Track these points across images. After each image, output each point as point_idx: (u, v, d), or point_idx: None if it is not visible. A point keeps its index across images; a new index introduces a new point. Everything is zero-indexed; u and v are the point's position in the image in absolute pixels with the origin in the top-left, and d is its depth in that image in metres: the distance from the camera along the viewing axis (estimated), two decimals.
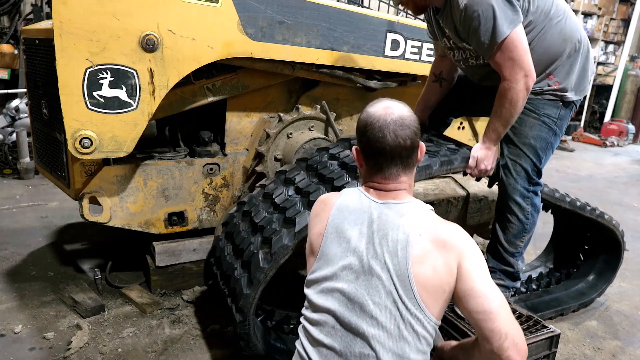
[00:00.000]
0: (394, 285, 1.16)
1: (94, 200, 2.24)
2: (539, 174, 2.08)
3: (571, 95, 2.00)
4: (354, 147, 1.34)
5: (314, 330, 1.25)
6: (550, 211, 2.69)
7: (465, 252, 1.17)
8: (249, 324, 1.85)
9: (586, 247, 2.91)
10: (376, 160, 1.26)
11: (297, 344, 1.31)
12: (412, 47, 2.75)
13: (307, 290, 1.30)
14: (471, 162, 2.01)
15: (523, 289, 2.71)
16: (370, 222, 1.23)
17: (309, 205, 1.87)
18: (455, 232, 1.21)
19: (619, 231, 2.72)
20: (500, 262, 2.14)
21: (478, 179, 2.35)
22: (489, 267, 2.19)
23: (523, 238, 2.12)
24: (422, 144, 1.30)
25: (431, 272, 1.15)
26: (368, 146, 1.26)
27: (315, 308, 1.26)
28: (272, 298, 2.27)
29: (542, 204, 2.18)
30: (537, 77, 1.86)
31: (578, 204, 2.54)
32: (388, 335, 1.15)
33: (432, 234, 1.18)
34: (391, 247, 1.18)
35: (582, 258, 2.93)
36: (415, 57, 2.78)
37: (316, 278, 1.27)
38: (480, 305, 1.13)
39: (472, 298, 1.14)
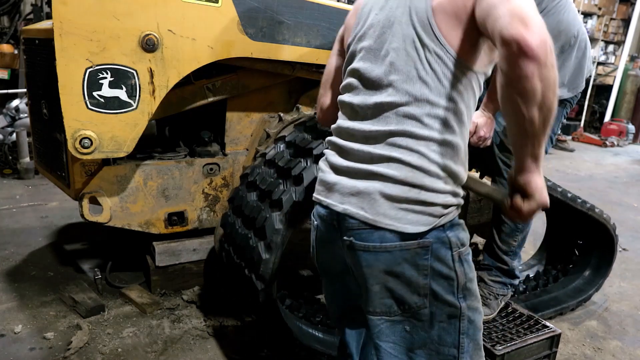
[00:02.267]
0: (412, 24, 1.07)
1: (94, 200, 2.24)
2: None
3: (563, 93, 1.97)
4: None
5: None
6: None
7: None
8: (272, 291, 1.84)
9: (580, 242, 2.90)
10: None
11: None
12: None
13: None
14: (471, 126, 1.88)
15: (521, 288, 2.71)
16: None
17: (315, 160, 1.82)
18: None
19: (611, 225, 2.71)
20: (495, 260, 2.16)
21: (474, 148, 2.32)
22: (485, 264, 2.20)
23: (516, 237, 2.13)
24: None
25: (447, 1, 1.04)
26: None
27: (344, 82, 1.23)
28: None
29: None
30: None
31: (569, 195, 2.55)
32: (404, 79, 1.07)
33: None
34: None
35: (577, 254, 2.93)
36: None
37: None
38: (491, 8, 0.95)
39: (488, 13, 0.96)
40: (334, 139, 1.23)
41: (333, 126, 1.26)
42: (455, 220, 1.15)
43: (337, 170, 1.17)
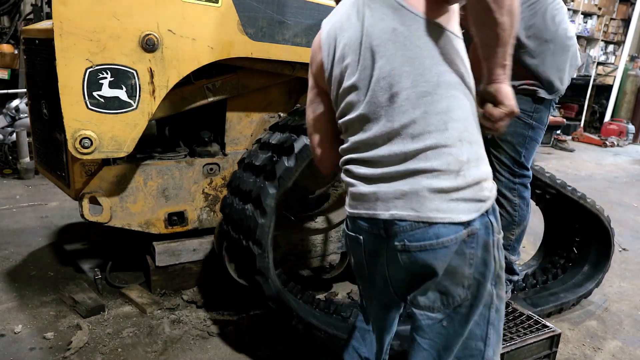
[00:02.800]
0: (385, 12, 1.12)
1: (94, 200, 2.24)
2: (522, 166, 2.09)
3: (543, 93, 1.99)
4: None
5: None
6: (535, 198, 2.71)
7: None
8: (267, 256, 1.93)
9: (577, 239, 2.90)
10: None
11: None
12: None
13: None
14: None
15: (521, 286, 2.71)
16: None
17: (304, 133, 1.95)
18: None
19: (605, 217, 2.71)
20: None
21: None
22: None
23: (513, 230, 2.16)
24: None
25: None
26: None
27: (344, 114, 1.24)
28: None
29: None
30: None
31: (558, 181, 2.56)
32: (401, 63, 1.10)
33: None
34: None
35: (575, 251, 2.93)
36: None
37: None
38: None
39: None
40: (352, 155, 1.21)
41: (343, 147, 1.25)
42: (494, 204, 1.15)
43: (369, 180, 1.16)
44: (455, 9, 1.13)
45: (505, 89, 1.08)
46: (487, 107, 1.11)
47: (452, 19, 1.12)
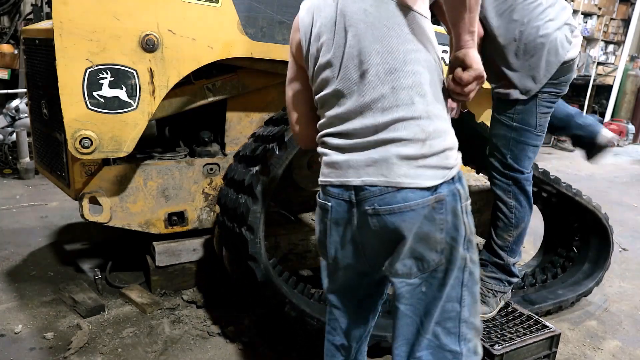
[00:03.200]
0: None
1: (94, 200, 2.24)
2: (511, 168, 2.06)
3: (516, 94, 1.95)
4: None
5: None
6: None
7: None
8: (259, 242, 2.00)
9: (576, 237, 2.90)
10: None
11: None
12: None
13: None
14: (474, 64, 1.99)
15: (520, 284, 2.71)
16: None
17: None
18: None
19: (602, 214, 2.71)
20: (491, 255, 2.18)
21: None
22: (481, 259, 2.20)
23: (510, 232, 2.13)
24: None
25: None
26: None
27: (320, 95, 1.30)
28: None
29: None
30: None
31: (552, 177, 2.56)
32: (370, 42, 1.17)
33: None
34: None
35: (575, 250, 2.92)
36: None
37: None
38: None
39: None
40: (328, 130, 1.27)
41: (320, 122, 1.31)
42: (460, 173, 1.21)
43: (343, 149, 1.22)
44: None
45: (473, 54, 1.14)
46: (457, 71, 1.16)
47: (419, 1, 1.17)
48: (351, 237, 1.27)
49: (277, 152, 2.02)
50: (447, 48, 2.17)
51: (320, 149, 1.31)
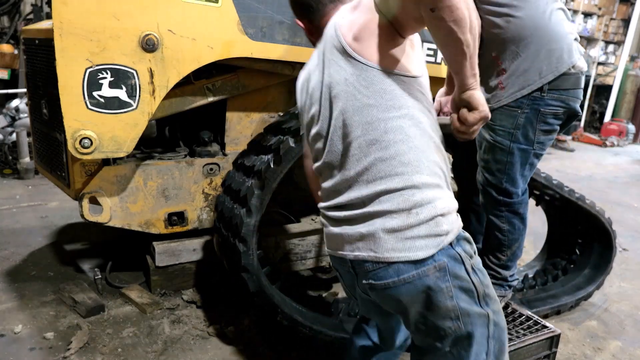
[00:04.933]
0: (340, 64, 1.16)
1: (94, 200, 2.24)
2: (506, 194, 1.97)
3: (511, 92, 1.83)
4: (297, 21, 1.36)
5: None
6: (533, 198, 2.69)
7: None
8: (252, 254, 2.02)
9: (579, 240, 2.90)
10: (301, 12, 1.31)
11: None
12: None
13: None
14: (435, 105, 1.80)
15: (520, 286, 2.70)
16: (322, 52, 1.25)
17: (288, 134, 2.08)
18: None
19: (606, 218, 2.70)
20: (486, 268, 2.12)
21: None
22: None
23: (504, 253, 2.07)
24: None
25: (355, 22, 1.14)
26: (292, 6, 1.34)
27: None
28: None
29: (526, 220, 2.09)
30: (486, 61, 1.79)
31: (554, 182, 2.54)
32: (351, 113, 1.16)
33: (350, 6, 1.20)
34: (329, 44, 1.19)
35: (577, 253, 2.92)
36: None
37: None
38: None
39: None
40: (325, 203, 1.28)
41: (320, 192, 1.33)
42: (460, 235, 1.18)
43: (337, 222, 1.23)
44: (407, 48, 1.16)
45: (478, 95, 1.14)
46: (462, 112, 1.16)
47: (403, 60, 1.15)
48: (365, 295, 1.27)
49: (272, 167, 2.03)
50: None
51: (321, 220, 1.33)
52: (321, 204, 1.30)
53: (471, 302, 1.15)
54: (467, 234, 1.21)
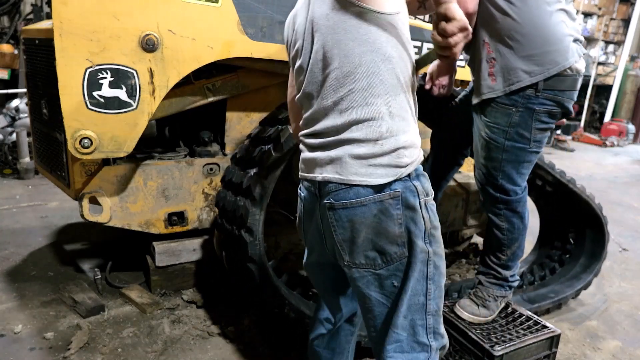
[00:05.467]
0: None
1: (94, 200, 2.24)
2: (503, 191, 1.95)
3: (501, 86, 1.81)
4: None
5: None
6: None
7: None
8: (259, 244, 2.02)
9: (572, 229, 2.90)
10: None
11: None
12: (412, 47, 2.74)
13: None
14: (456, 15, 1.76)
15: (519, 283, 2.70)
16: None
17: (287, 123, 2.05)
18: None
19: (596, 204, 2.70)
20: (488, 268, 2.12)
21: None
22: (481, 270, 2.19)
23: (504, 252, 2.06)
24: None
25: None
26: None
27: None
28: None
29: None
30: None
31: (547, 161, 2.53)
32: (332, 45, 1.22)
33: None
34: None
35: (571, 241, 2.92)
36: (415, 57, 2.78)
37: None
38: None
39: None
40: (304, 130, 1.36)
41: (300, 122, 1.40)
42: (419, 171, 1.27)
43: (312, 148, 1.32)
44: None
45: (454, 7, 1.16)
46: (440, 24, 1.18)
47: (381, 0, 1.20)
48: (316, 226, 1.35)
49: (273, 154, 2.02)
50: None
51: (300, 147, 1.40)
52: (301, 132, 1.38)
53: (417, 235, 1.23)
54: (426, 174, 1.30)
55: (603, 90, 10.84)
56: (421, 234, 1.24)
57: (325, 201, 1.26)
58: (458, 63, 2.42)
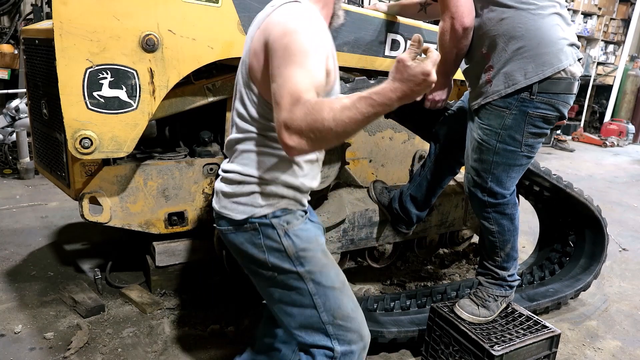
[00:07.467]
0: (242, 72, 1.39)
1: (94, 200, 2.24)
2: (491, 193, 1.95)
3: (497, 89, 1.83)
4: None
5: None
6: (522, 190, 2.68)
7: (273, 32, 1.22)
8: None
9: (571, 232, 2.89)
10: None
11: None
12: None
13: None
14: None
15: (518, 283, 2.70)
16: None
17: None
18: (281, 14, 1.25)
19: (594, 206, 2.70)
20: (486, 270, 2.13)
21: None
22: (478, 271, 2.20)
23: (498, 254, 2.07)
24: None
25: (255, 59, 1.29)
26: None
27: None
28: None
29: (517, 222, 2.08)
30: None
31: (542, 168, 2.52)
32: (235, 107, 1.42)
33: (266, 21, 1.28)
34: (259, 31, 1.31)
35: (571, 244, 2.92)
36: None
37: None
38: (272, 89, 1.19)
39: (270, 81, 1.22)
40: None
41: None
42: (285, 212, 1.39)
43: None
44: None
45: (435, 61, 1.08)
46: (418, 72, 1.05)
47: (257, 81, 1.32)
48: None
49: None
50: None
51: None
52: None
53: (281, 260, 1.37)
54: (298, 214, 1.43)
55: (603, 90, 10.83)
56: (285, 259, 1.37)
57: (215, 225, 1.50)
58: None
